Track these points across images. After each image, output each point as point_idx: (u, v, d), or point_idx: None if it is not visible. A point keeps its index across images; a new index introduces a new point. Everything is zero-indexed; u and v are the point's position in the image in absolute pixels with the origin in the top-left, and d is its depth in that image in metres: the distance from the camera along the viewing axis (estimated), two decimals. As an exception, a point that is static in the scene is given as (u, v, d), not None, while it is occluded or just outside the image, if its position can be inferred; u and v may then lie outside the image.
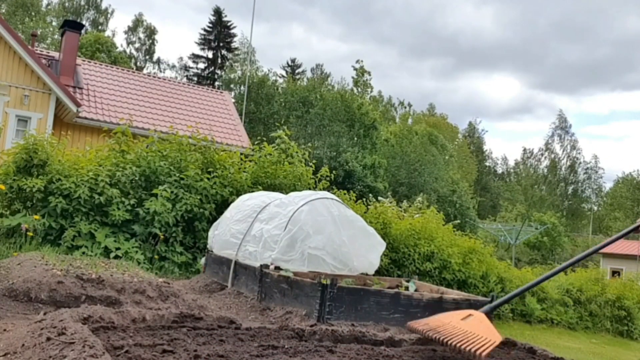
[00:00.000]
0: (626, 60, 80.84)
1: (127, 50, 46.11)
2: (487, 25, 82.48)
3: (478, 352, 2.63)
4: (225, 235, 6.82)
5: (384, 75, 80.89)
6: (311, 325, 3.71)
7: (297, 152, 10.13)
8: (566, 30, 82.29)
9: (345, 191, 10.21)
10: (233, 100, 24.54)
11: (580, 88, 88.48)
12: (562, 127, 57.90)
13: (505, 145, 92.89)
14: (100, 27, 45.98)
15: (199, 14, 74.89)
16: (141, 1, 70.92)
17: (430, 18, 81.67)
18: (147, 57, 48.79)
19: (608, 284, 13.87)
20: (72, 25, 18.40)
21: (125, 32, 47.92)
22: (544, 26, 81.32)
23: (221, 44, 43.19)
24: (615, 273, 26.87)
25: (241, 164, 9.74)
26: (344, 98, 32.23)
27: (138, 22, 48.13)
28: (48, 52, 20.22)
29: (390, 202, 10.65)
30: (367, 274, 6.40)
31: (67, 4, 46.10)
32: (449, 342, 2.70)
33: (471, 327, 2.79)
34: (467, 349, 2.65)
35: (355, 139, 30.60)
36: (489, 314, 3.04)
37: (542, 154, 59.12)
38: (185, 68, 45.44)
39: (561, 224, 37.88)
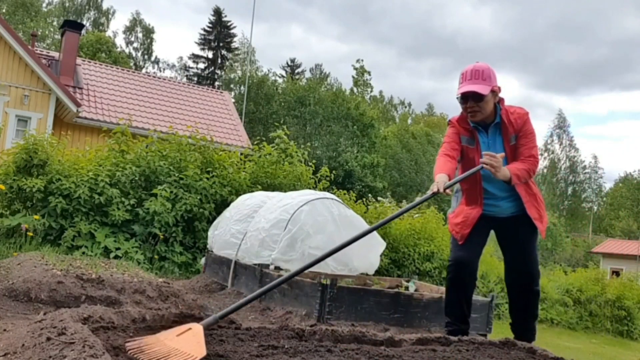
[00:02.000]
0: (624, 61, 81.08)
1: (127, 50, 46.10)
2: (485, 26, 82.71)
3: None
4: (225, 235, 6.82)
5: (383, 76, 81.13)
6: (311, 325, 3.71)
7: (296, 152, 10.14)
8: (564, 30, 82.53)
9: (345, 191, 10.22)
10: (233, 100, 24.53)
11: (579, 88, 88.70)
12: (561, 126, 57.91)
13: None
14: (101, 28, 45.95)
15: (198, 14, 75.05)
16: (139, 1, 71.02)
17: (429, 18, 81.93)
18: (146, 56, 48.79)
19: (608, 284, 13.88)
20: (72, 25, 18.41)
21: (124, 32, 47.94)
22: (541, 26, 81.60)
23: (221, 44, 43.22)
24: (615, 273, 26.86)
25: (241, 164, 9.74)
26: (339, 97, 32.25)
27: (135, 21, 48.10)
28: (48, 52, 20.22)
29: (390, 202, 10.65)
30: (367, 274, 6.41)
31: (67, 4, 46.07)
32: None
33: (180, 343, 2.60)
34: None
35: (353, 138, 30.62)
36: (210, 326, 2.84)
37: (541, 154, 59.08)
38: (185, 68, 45.50)
39: (560, 224, 37.82)
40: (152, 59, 48.87)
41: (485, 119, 3.72)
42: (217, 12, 43.01)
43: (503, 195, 3.83)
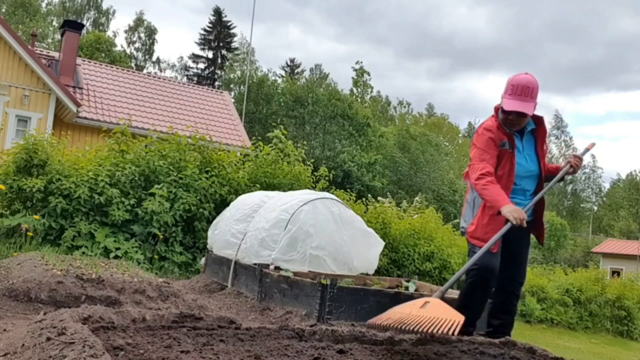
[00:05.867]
0: (621, 61, 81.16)
1: (128, 51, 46.07)
2: (481, 27, 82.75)
3: (450, 332, 2.81)
4: (225, 235, 6.82)
5: (380, 76, 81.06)
6: (311, 325, 3.71)
7: (293, 152, 10.13)
8: (560, 31, 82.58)
9: (344, 191, 10.22)
10: (233, 100, 24.53)
11: (576, 88, 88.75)
12: (559, 127, 57.95)
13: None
14: (101, 28, 45.94)
15: (196, 15, 74.98)
16: (139, 2, 71.07)
17: (425, 19, 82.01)
18: (147, 56, 48.76)
19: (608, 284, 13.89)
20: (72, 25, 18.40)
21: (126, 32, 47.90)
22: (537, 27, 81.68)
23: (221, 44, 43.19)
24: (615, 273, 26.86)
25: (240, 164, 9.74)
26: (334, 97, 32.27)
27: (139, 21, 48.07)
28: (48, 52, 20.21)
29: (390, 202, 10.65)
30: (367, 274, 6.41)
31: (67, 4, 46.07)
32: (419, 330, 2.87)
33: (433, 312, 2.96)
34: (439, 332, 2.82)
35: (350, 137, 30.63)
36: (442, 298, 3.20)
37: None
38: (186, 68, 45.44)
39: (566, 224, 37.68)
40: (154, 59, 48.89)
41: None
42: (217, 12, 42.99)
43: (526, 202, 3.82)
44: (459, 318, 2.88)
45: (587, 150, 4.06)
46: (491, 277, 3.78)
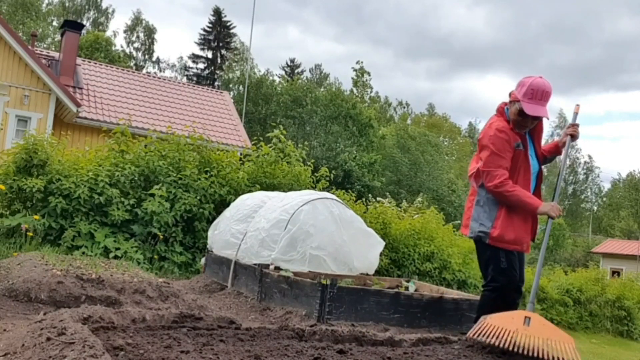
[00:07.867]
0: (619, 61, 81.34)
1: (127, 50, 46.05)
2: (479, 27, 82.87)
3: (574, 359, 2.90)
4: (225, 235, 6.82)
5: (379, 76, 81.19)
6: (311, 325, 3.71)
7: (293, 152, 10.12)
8: (558, 31, 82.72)
9: (344, 191, 10.22)
10: (232, 100, 24.52)
11: (575, 88, 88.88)
12: (562, 126, 57.94)
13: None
14: (100, 27, 45.92)
15: (195, 15, 75.00)
16: (138, 2, 71.07)
17: (423, 20, 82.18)
18: (147, 56, 48.73)
19: (608, 284, 13.88)
20: (72, 26, 18.39)
21: (125, 32, 47.88)
22: (536, 27, 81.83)
23: (221, 44, 43.19)
24: (615, 273, 26.85)
25: (240, 164, 9.73)
26: (337, 97, 32.28)
27: (137, 20, 48.04)
28: (48, 52, 20.21)
29: (390, 202, 10.64)
30: (367, 274, 6.41)
31: (67, 4, 46.06)
32: (540, 356, 2.90)
33: (542, 332, 2.98)
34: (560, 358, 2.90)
35: (352, 138, 30.65)
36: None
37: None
38: (185, 68, 45.43)
39: (565, 224, 37.63)
40: (153, 59, 48.83)
41: None
42: (217, 12, 42.97)
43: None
44: (571, 340, 2.97)
45: (575, 114, 4.03)
46: (517, 296, 3.80)
